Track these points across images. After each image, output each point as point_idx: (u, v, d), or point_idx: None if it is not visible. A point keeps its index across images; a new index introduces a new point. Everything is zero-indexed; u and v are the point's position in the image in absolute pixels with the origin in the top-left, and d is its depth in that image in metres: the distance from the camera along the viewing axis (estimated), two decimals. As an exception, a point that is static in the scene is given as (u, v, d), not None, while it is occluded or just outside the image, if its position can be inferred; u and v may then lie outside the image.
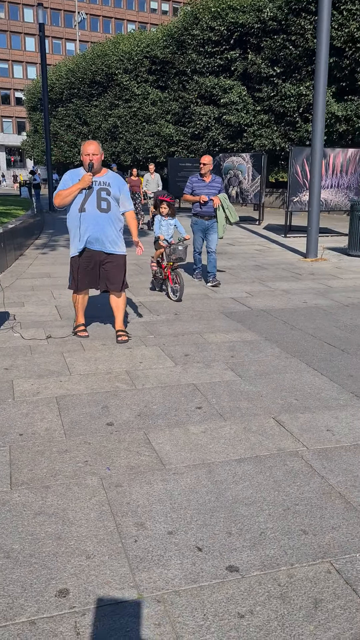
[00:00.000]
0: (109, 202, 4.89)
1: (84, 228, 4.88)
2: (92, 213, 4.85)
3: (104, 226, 4.89)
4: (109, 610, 1.98)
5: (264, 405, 3.75)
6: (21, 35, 63.05)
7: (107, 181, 4.94)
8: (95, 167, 4.86)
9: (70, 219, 4.97)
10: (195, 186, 7.55)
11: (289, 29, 20.24)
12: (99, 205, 4.86)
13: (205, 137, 24.52)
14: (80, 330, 5.25)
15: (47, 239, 13.33)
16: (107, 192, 4.90)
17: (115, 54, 29.66)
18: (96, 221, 4.86)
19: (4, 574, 2.14)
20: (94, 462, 2.99)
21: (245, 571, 2.18)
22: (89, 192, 4.87)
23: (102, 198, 4.88)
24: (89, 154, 4.84)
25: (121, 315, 5.22)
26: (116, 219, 4.97)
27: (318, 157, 10.16)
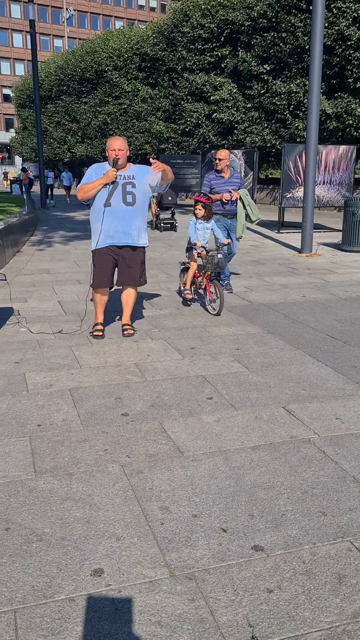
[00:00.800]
0: (135, 195, 4.90)
1: (109, 222, 4.89)
2: (118, 207, 4.86)
3: (130, 220, 4.91)
4: (143, 588, 2.06)
5: (273, 395, 3.85)
6: (8, 32, 62.62)
7: (131, 174, 4.95)
8: (120, 163, 4.88)
9: (93, 214, 4.98)
10: (214, 183, 6.95)
11: (279, 26, 20.35)
12: (125, 199, 4.87)
13: (196, 134, 24.60)
14: (96, 329, 5.16)
15: (42, 236, 13.35)
16: (132, 185, 4.90)
17: (105, 51, 29.63)
18: (122, 215, 4.88)
19: (39, 555, 2.22)
20: (114, 450, 3.07)
21: (270, 550, 2.28)
22: (114, 186, 4.87)
23: (128, 192, 4.88)
24: (115, 149, 4.84)
25: (129, 310, 5.27)
26: (142, 211, 4.98)
27: (312, 154, 10.28)
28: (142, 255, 5.13)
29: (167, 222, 14.38)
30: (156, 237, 13.12)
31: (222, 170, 6.95)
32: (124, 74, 28.86)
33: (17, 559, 2.20)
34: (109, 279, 5.09)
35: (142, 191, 4.95)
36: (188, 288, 6.21)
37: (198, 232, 6.13)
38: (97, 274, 5.05)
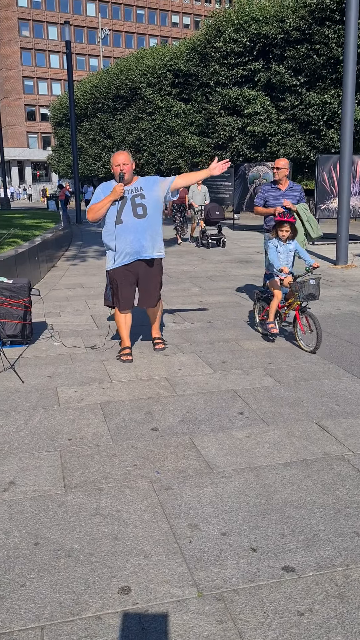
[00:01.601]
0: (145, 206, 4.73)
1: (122, 240, 4.71)
2: (130, 222, 4.70)
3: (144, 232, 4.73)
4: (171, 607, 2.03)
5: (306, 411, 3.77)
6: (46, 53, 64.38)
7: (139, 186, 4.79)
8: (127, 177, 4.72)
9: (106, 234, 4.81)
10: (268, 196, 6.17)
11: (312, 38, 20.31)
12: (135, 212, 4.71)
13: (229, 147, 24.67)
14: (124, 353, 4.92)
15: (77, 251, 13.55)
16: (141, 196, 4.75)
17: (139, 69, 30.10)
18: (135, 229, 4.71)
19: (67, 572, 2.21)
20: (143, 465, 3.05)
21: (301, 571, 2.21)
22: (123, 202, 4.72)
23: (137, 204, 4.73)
24: (119, 164, 4.67)
25: (158, 322, 5.17)
26: (155, 222, 4.81)
27: (347, 164, 10.17)
28: (159, 267, 4.93)
29: (215, 238, 13.56)
30: (189, 250, 13.15)
31: (280, 181, 6.22)
32: (157, 90, 29.24)
33: (45, 575, 2.20)
34: (131, 299, 4.90)
35: (152, 201, 4.77)
36: (272, 321, 5.31)
37: (280, 255, 5.35)
38: (118, 295, 4.86)
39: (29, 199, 53.14)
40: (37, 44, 63.79)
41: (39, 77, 64.60)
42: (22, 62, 63.14)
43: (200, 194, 14.19)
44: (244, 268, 10.32)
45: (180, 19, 70.16)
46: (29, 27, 62.92)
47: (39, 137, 65.36)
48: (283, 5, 21.68)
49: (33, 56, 63.81)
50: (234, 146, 24.42)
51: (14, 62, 62.52)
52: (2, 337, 5.24)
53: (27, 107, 64.35)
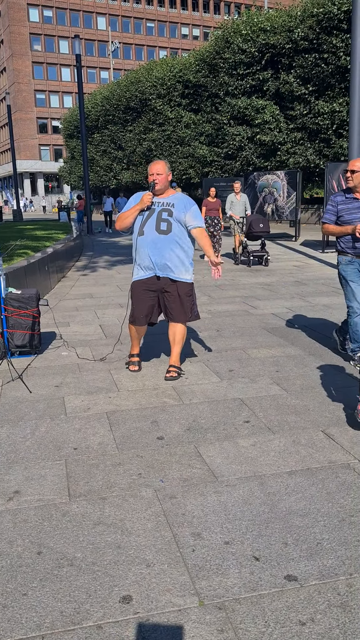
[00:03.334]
0: (170, 223, 4.46)
1: (141, 252, 4.52)
2: (151, 235, 4.46)
3: (164, 249, 4.45)
4: (172, 617, 2.02)
5: (312, 419, 3.76)
6: (57, 66, 65.20)
7: (171, 202, 4.52)
8: (158, 187, 4.47)
9: (133, 243, 4.65)
10: (342, 209, 4.80)
11: (320, 47, 20.39)
12: (158, 227, 4.45)
13: (239, 157, 24.76)
14: (132, 361, 4.89)
15: (87, 261, 13.64)
16: (169, 212, 4.47)
17: (149, 80, 30.38)
18: (155, 244, 4.45)
19: (69, 580, 2.22)
20: (147, 474, 3.06)
21: (303, 580, 2.20)
22: (149, 213, 4.50)
23: (163, 219, 4.46)
24: (153, 173, 4.47)
25: (178, 349, 4.69)
26: (180, 241, 4.52)
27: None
28: (187, 289, 4.61)
29: (257, 254, 11.76)
30: (196, 260, 13.18)
31: (357, 188, 4.73)
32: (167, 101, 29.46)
33: (47, 584, 2.20)
34: (146, 316, 4.64)
35: (179, 221, 4.51)
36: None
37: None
38: (133, 309, 4.66)
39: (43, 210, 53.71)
40: (49, 58, 64.64)
41: (50, 90, 65.40)
42: (33, 75, 64.00)
43: (240, 203, 12.46)
44: (254, 277, 10.33)
45: (189, 31, 70.78)
46: (40, 42, 63.82)
47: (50, 149, 66.07)
48: (291, 15, 21.82)
49: (45, 70, 64.65)
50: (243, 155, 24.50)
51: (26, 76, 63.40)
52: (11, 347, 5.29)
53: (39, 119, 65.13)
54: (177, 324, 4.65)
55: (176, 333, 4.67)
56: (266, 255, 11.80)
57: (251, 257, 11.79)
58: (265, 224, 11.82)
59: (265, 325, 6.46)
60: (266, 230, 11.79)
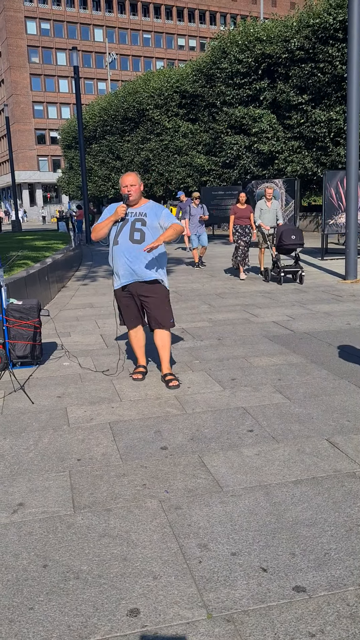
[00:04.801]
0: (143, 232, 4.61)
1: (117, 261, 4.68)
2: (125, 245, 4.61)
3: (136, 257, 4.61)
4: (180, 629, 2.00)
5: (316, 427, 3.74)
6: (55, 78, 65.58)
7: (143, 211, 4.69)
8: (132, 199, 4.63)
9: (109, 253, 4.82)
10: None
11: (316, 57, 20.52)
12: (132, 237, 4.60)
13: (237, 166, 24.84)
14: (136, 371, 4.97)
15: (87, 271, 13.65)
16: (142, 222, 4.63)
17: (146, 91, 30.53)
18: (129, 252, 4.60)
19: (76, 594, 2.20)
20: (152, 485, 3.04)
21: (312, 591, 2.18)
22: (123, 223, 4.65)
23: (136, 229, 4.62)
24: (126, 185, 4.62)
25: (167, 355, 4.82)
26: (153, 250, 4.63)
27: (354, 179, 10.20)
28: (162, 293, 4.75)
29: (289, 270, 10.36)
30: (193, 269, 13.19)
31: None
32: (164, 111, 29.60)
33: (53, 597, 2.18)
34: (136, 318, 4.85)
35: (152, 229, 4.64)
36: None
37: None
38: (122, 314, 4.88)
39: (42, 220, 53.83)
40: (46, 70, 65.03)
41: (48, 102, 65.73)
42: (31, 87, 64.35)
43: (271, 212, 10.96)
44: (254, 285, 10.33)
45: (186, 42, 71.30)
46: (38, 54, 64.24)
47: (49, 160, 66.30)
48: (287, 25, 21.97)
49: (42, 82, 65.02)
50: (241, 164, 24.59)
51: (24, 87, 63.75)
52: (12, 358, 5.28)
53: (37, 131, 65.41)
54: (162, 330, 4.79)
55: (164, 339, 4.80)
56: (300, 271, 10.29)
57: (282, 273, 10.22)
58: (299, 235, 10.18)
59: (267, 333, 6.45)
60: (299, 243, 10.13)
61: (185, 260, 14.84)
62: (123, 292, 4.78)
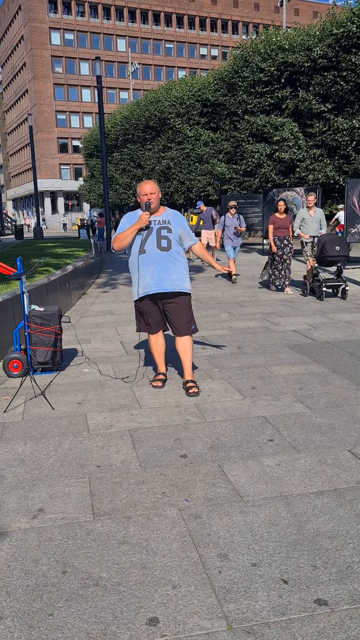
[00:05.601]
0: (170, 240, 4.67)
1: (144, 270, 4.65)
2: (153, 253, 4.63)
3: (166, 265, 4.64)
4: (200, 640, 1.98)
5: (338, 438, 3.70)
6: (78, 88, 66.40)
7: (166, 219, 4.72)
8: (153, 207, 4.66)
9: (130, 263, 4.79)
10: None
11: (339, 65, 20.46)
12: (159, 244, 4.63)
13: (258, 174, 24.81)
14: (156, 379, 4.97)
15: (107, 278, 13.72)
16: (167, 230, 4.68)
17: (168, 100, 30.73)
18: (158, 260, 4.63)
19: (95, 601, 2.19)
20: (172, 493, 3.03)
21: (334, 605, 2.14)
22: (148, 232, 4.66)
23: (162, 236, 4.65)
24: (146, 193, 4.65)
25: (189, 361, 4.81)
26: (178, 256, 4.73)
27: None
28: (184, 301, 4.77)
29: (331, 284, 9.51)
30: (214, 277, 13.18)
31: None
32: (186, 120, 29.74)
33: (73, 604, 2.18)
34: (158, 324, 4.86)
35: (176, 237, 4.72)
36: None
37: None
38: (145, 322, 4.87)
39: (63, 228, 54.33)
40: (70, 80, 65.88)
41: (71, 111, 66.54)
42: (55, 97, 65.23)
43: (314, 221, 10.13)
44: (274, 293, 10.28)
45: (208, 51, 71.70)
46: (61, 64, 65.14)
47: (71, 168, 67.03)
48: (309, 34, 21.97)
49: (65, 91, 65.87)
50: (262, 172, 24.56)
51: (48, 97, 64.66)
52: (33, 364, 5.32)
53: (59, 139, 66.22)
54: (184, 337, 4.79)
55: (185, 345, 4.80)
56: (343, 286, 9.44)
57: (323, 287, 9.39)
58: (343, 246, 9.34)
59: (287, 342, 6.41)
60: (343, 254, 9.34)
61: (204, 267, 14.83)
62: (147, 301, 4.77)
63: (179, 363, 5.57)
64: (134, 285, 4.80)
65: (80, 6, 65.00)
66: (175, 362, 5.66)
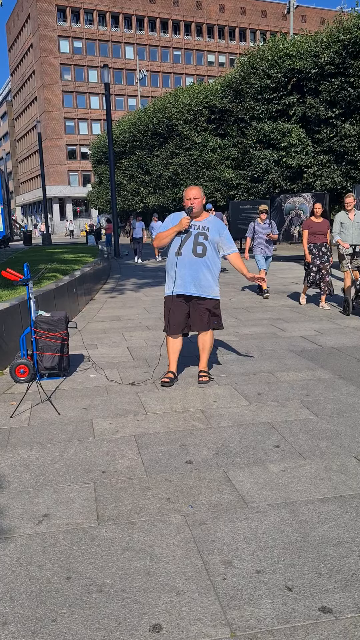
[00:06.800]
0: (205, 246, 4.90)
1: (179, 271, 4.92)
2: (188, 257, 4.89)
3: (198, 270, 4.90)
4: (203, 647, 1.97)
5: (344, 444, 3.68)
6: (86, 95, 66.84)
7: (206, 226, 4.95)
8: (195, 211, 4.90)
9: (168, 261, 5.08)
10: None
11: (346, 71, 20.49)
12: (195, 250, 4.88)
13: (265, 180, 24.85)
14: (165, 376, 5.10)
15: (115, 284, 13.76)
16: (204, 236, 4.91)
17: (176, 106, 30.87)
18: (191, 265, 4.89)
19: (98, 607, 2.19)
20: (176, 499, 3.02)
21: (339, 613, 2.13)
22: (187, 236, 4.92)
23: (199, 242, 4.90)
24: (190, 198, 4.89)
25: (206, 356, 5.14)
26: (212, 264, 4.97)
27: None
28: (215, 303, 5.08)
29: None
30: (225, 281, 13.18)
31: None
32: (193, 126, 29.86)
33: (76, 610, 2.18)
34: (180, 326, 5.06)
35: (213, 244, 4.95)
36: None
37: None
38: (169, 319, 5.06)
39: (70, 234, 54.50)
40: (78, 87, 66.34)
41: (79, 118, 66.97)
42: (63, 104, 65.70)
43: (354, 226, 8.72)
44: (282, 299, 10.26)
45: (215, 58, 72.00)
46: (70, 72, 65.62)
47: (79, 174, 67.39)
48: (317, 40, 22.02)
49: (74, 98, 66.32)
50: (269, 178, 24.59)
51: (56, 104, 65.12)
52: (40, 369, 5.33)
53: (68, 146, 66.63)
54: (207, 332, 5.09)
55: (205, 342, 5.11)
56: None
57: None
58: None
59: (294, 347, 6.39)
60: None
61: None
62: (176, 299, 5.01)
63: (187, 369, 5.58)
64: (168, 282, 5.06)
65: (89, 14, 65.52)
66: (185, 366, 5.66)
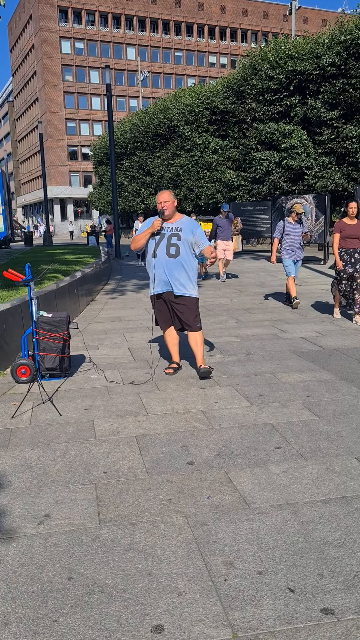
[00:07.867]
0: (178, 247, 5.10)
1: (157, 272, 5.18)
2: (162, 258, 5.12)
3: (172, 270, 5.11)
4: (205, 648, 1.97)
5: (346, 446, 3.67)
6: (87, 96, 66.88)
7: (179, 227, 5.16)
8: (166, 214, 5.12)
9: (147, 263, 5.33)
10: None
11: (348, 73, 20.50)
12: (168, 251, 5.10)
13: (266, 181, 24.86)
14: (169, 367, 5.50)
15: (116, 285, 13.76)
16: (177, 237, 5.11)
17: (177, 107, 30.89)
18: (166, 265, 5.12)
19: (100, 608, 2.19)
20: (178, 500, 3.02)
21: (340, 614, 2.12)
22: (160, 237, 5.15)
23: (172, 244, 5.11)
24: (161, 202, 5.12)
25: (201, 352, 5.34)
26: (186, 263, 5.14)
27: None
28: (191, 302, 5.23)
29: None
30: (227, 283, 13.18)
31: None
32: (195, 127, 29.88)
33: (78, 611, 2.18)
34: (168, 322, 5.39)
35: (186, 243, 5.12)
36: None
37: None
38: (156, 318, 5.43)
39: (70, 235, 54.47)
40: (80, 88, 66.39)
41: (81, 119, 67.02)
42: (65, 105, 65.74)
43: None
44: (283, 299, 10.26)
45: (217, 59, 72.04)
46: (72, 72, 65.67)
47: (80, 175, 67.43)
48: (318, 42, 22.04)
49: (75, 99, 66.37)
50: (271, 180, 24.59)
51: (58, 105, 65.17)
52: (41, 370, 5.33)
53: (69, 147, 66.66)
54: (195, 332, 5.31)
55: (197, 339, 5.33)
56: None
57: None
58: None
59: (295, 349, 6.39)
60: None
61: (212, 274, 14.83)
62: (158, 298, 5.32)
63: (187, 370, 5.58)
64: (150, 284, 5.35)
65: (91, 15, 65.59)
66: (184, 368, 5.66)
